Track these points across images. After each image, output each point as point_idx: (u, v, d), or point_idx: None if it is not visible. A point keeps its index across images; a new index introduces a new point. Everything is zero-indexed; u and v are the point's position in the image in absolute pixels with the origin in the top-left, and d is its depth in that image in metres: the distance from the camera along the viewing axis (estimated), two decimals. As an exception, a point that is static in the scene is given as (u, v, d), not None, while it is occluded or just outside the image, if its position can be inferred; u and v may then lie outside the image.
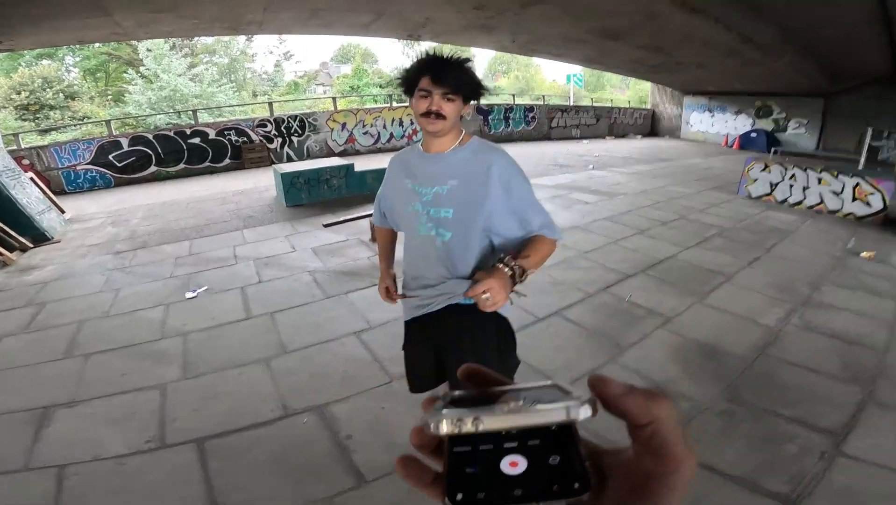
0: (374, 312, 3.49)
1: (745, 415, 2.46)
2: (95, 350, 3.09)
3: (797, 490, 1.98)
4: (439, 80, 1.40)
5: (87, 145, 9.76)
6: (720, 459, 2.14)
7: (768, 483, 2.01)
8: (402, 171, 1.63)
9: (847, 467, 2.09)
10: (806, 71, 12.38)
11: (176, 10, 7.11)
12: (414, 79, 1.45)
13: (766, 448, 2.22)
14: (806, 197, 7.32)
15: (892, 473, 2.05)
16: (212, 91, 19.28)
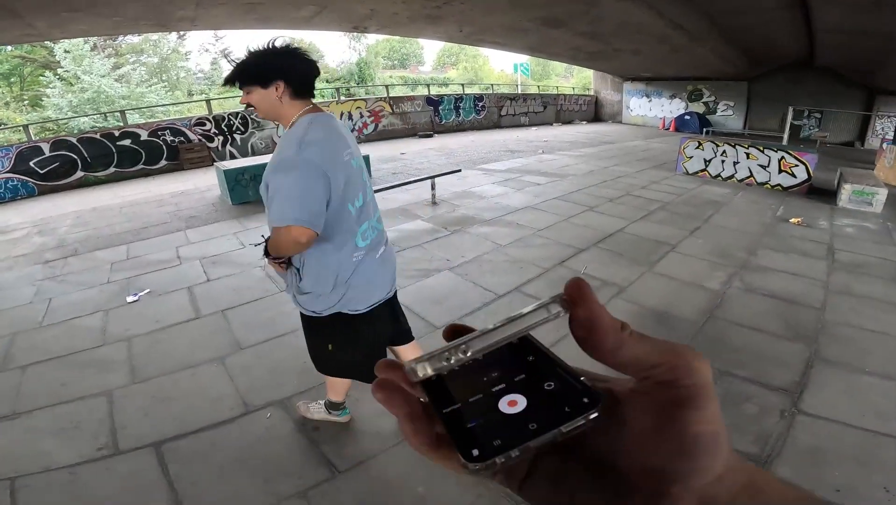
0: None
1: None
2: (31, 361, 2.85)
3: (766, 450, 2.09)
4: (231, 83, 1.51)
5: (4, 153, 8.87)
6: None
7: (736, 443, 2.12)
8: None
9: (808, 425, 2.23)
10: (728, 56, 13.25)
11: (93, 8, 6.59)
12: None
13: (726, 409, 2.34)
14: (737, 171, 7.86)
15: (853, 431, 2.19)
16: (141, 91, 18.24)
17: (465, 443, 0.23)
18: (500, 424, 0.23)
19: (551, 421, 0.22)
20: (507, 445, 0.22)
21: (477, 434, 0.23)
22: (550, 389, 0.24)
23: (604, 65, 17.78)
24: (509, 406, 0.24)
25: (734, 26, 10.65)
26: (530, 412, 0.23)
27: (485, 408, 0.24)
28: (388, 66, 35.17)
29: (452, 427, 0.24)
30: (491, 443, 0.22)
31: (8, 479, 1.96)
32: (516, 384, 0.25)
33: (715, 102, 17.82)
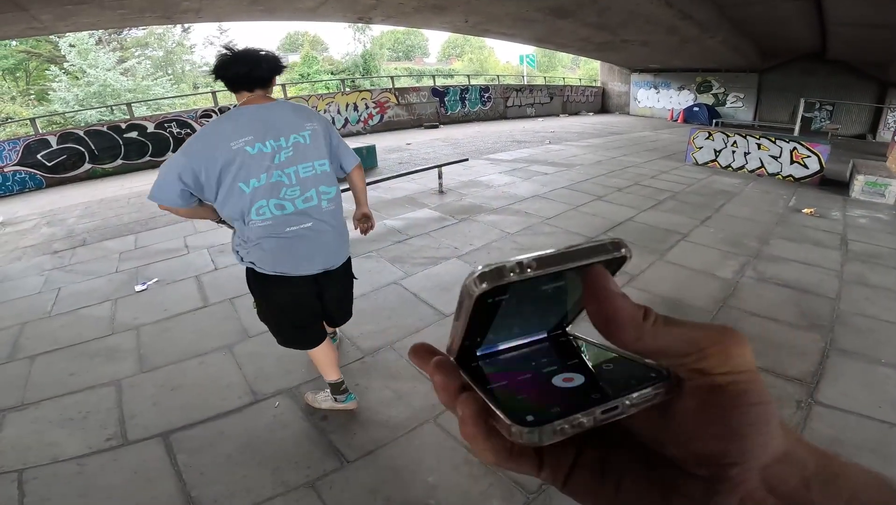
0: (340, 291, 3.40)
1: None
2: (40, 351, 2.85)
3: None
4: None
5: (12, 146, 8.92)
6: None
7: None
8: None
9: (825, 416, 2.19)
10: (740, 48, 13.03)
11: (97, 1, 6.55)
12: None
13: None
14: (748, 162, 7.75)
15: (871, 422, 2.15)
16: (147, 84, 18.27)
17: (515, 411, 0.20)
18: (558, 395, 0.21)
19: (617, 391, 0.20)
20: (566, 411, 0.19)
21: (529, 404, 0.20)
22: (610, 368, 0.22)
23: (612, 56, 17.57)
24: (565, 382, 0.21)
25: (744, 17, 10.47)
26: (590, 386, 0.21)
27: (537, 384, 0.22)
28: (393, 58, 35.00)
29: (500, 398, 0.21)
30: (548, 410, 0.20)
31: (16, 471, 1.95)
32: (569, 367, 0.23)
33: (724, 94, 17.60)
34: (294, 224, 1.78)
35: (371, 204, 2.34)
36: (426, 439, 2.06)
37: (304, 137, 1.76)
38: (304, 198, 1.78)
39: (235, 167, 1.66)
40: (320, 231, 1.84)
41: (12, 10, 6.09)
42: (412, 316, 3.07)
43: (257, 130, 1.69)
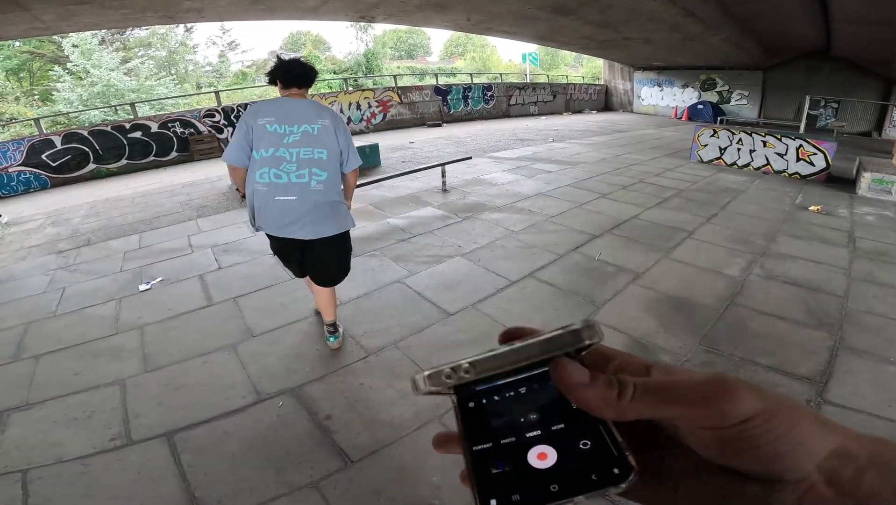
0: (343, 289, 3.37)
1: (724, 365, 2.52)
2: (45, 351, 2.85)
3: None
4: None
5: (16, 146, 8.96)
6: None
7: None
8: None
9: (835, 415, 2.15)
10: (744, 46, 12.95)
11: (99, 1, 6.56)
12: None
13: None
14: (753, 159, 7.69)
15: (882, 422, 2.12)
16: (150, 84, 18.30)
17: (485, 489, 0.23)
18: (524, 479, 0.23)
19: (573, 487, 0.22)
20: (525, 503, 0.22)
21: (499, 483, 0.23)
22: (585, 448, 0.23)
23: (615, 54, 17.49)
24: (538, 459, 0.24)
25: (748, 15, 10.40)
26: (556, 471, 0.23)
27: (514, 456, 0.24)
28: (395, 57, 34.98)
29: (477, 469, 0.24)
30: (510, 497, 0.22)
31: (20, 471, 1.94)
32: (552, 434, 0.24)
33: (729, 92, 17.52)
34: (282, 194, 2.23)
35: (374, 202, 2.46)
36: (430, 439, 2.03)
37: (312, 129, 2.23)
38: (298, 174, 2.23)
39: (256, 137, 2.21)
40: (304, 205, 2.25)
41: (14, 10, 6.10)
42: (416, 315, 3.05)
43: (279, 116, 2.22)
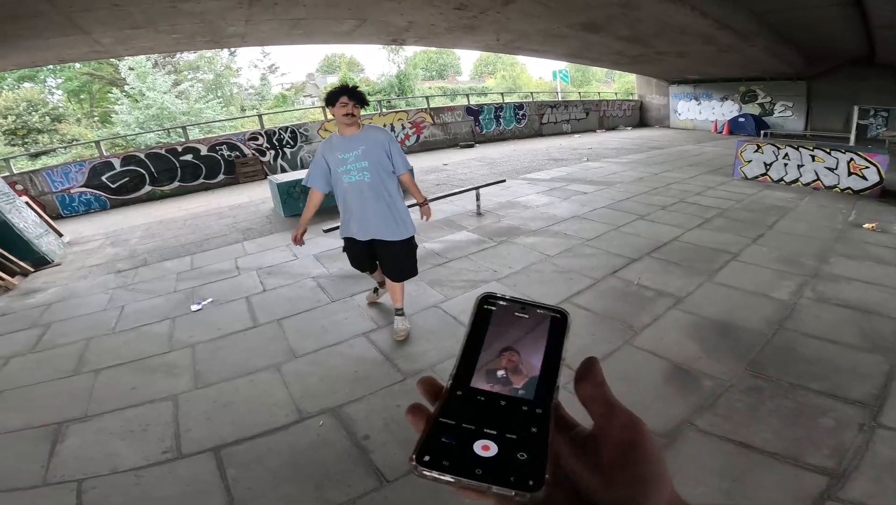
0: (382, 313, 3.47)
1: (772, 390, 2.43)
2: (104, 366, 3.05)
3: (843, 464, 1.94)
4: (351, 97, 2.72)
5: (78, 168, 9.63)
6: (755, 436, 2.11)
7: (811, 457, 1.97)
8: (330, 149, 2.88)
9: (889, 440, 2.05)
10: (783, 55, 12.49)
11: (154, 25, 7.06)
12: (335, 97, 2.72)
13: (800, 423, 2.19)
14: (802, 175, 7.36)
15: None
16: (199, 107, 19.04)
17: (427, 448, 0.28)
18: (462, 455, 0.28)
19: (492, 478, 0.27)
20: (450, 470, 0.27)
21: (440, 449, 0.28)
22: (522, 459, 0.28)
23: (647, 68, 17.25)
24: (482, 449, 0.28)
25: (785, 24, 10.06)
26: (488, 463, 0.27)
27: (464, 439, 0.29)
28: (426, 77, 35.69)
29: (433, 433, 0.29)
30: (441, 461, 0.27)
31: (75, 480, 2.06)
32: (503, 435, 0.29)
33: (771, 103, 16.82)
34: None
35: None
36: None
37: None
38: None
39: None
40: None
41: (76, 33, 6.61)
42: (452, 339, 3.08)
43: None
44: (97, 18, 6.15)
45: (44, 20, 5.68)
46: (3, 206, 5.66)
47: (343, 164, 2.80)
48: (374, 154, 2.81)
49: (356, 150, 2.78)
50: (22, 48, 6.91)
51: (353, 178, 2.81)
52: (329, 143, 2.89)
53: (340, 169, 2.81)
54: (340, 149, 2.80)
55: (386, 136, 2.90)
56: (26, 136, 17.68)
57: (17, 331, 3.76)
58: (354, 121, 2.76)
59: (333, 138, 2.88)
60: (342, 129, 2.82)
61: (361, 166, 2.81)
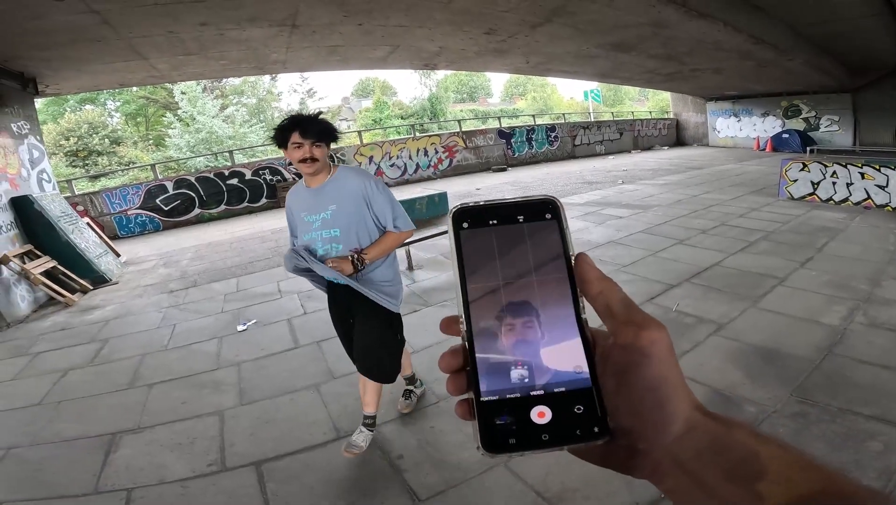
0: (418, 337, 3.51)
1: (819, 415, 2.34)
2: (157, 381, 3.24)
3: (889, 486, 1.88)
4: (307, 133, 1.94)
5: (135, 190, 10.31)
6: (801, 460, 2.04)
7: None
8: (296, 206, 2.15)
9: None
10: (824, 67, 12.03)
11: (204, 52, 7.62)
12: (286, 134, 1.96)
13: (847, 447, 2.12)
14: (851, 193, 7.01)
15: None
16: (244, 132, 19.74)
17: (487, 433, 0.28)
18: (522, 428, 0.28)
19: (560, 438, 0.28)
20: (519, 446, 0.28)
21: (500, 430, 0.28)
22: (579, 412, 0.28)
23: (682, 86, 16.98)
24: (538, 417, 0.28)
25: (823, 36, 9.75)
26: (550, 426, 0.28)
27: (518, 410, 0.28)
28: (457, 100, 36.26)
29: (483, 416, 0.28)
30: (507, 441, 0.28)
31: (125, 489, 2.18)
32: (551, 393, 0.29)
33: (816, 118, 16.14)
34: None
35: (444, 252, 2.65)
36: (497, 482, 2.06)
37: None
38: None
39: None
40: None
41: (135, 58, 7.20)
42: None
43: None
44: (154, 44, 6.68)
45: (106, 45, 6.19)
46: (67, 227, 6.14)
47: (308, 229, 2.07)
48: (350, 214, 2.03)
49: (323, 212, 2.03)
50: (87, 71, 7.58)
51: (319, 250, 2.06)
52: (295, 194, 2.17)
53: (306, 237, 2.09)
54: (305, 207, 2.08)
55: (364, 180, 2.05)
56: (87, 158, 18.88)
57: (76, 345, 4.05)
58: (318, 167, 1.99)
59: (299, 188, 2.16)
60: (306, 179, 2.10)
61: (330, 236, 2.04)
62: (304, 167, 1.98)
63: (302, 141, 1.94)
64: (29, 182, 6.29)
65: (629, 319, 0.29)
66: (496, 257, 0.31)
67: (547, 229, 0.32)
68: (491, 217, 0.32)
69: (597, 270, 0.32)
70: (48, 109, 19.53)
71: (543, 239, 0.32)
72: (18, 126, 6.36)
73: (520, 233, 0.32)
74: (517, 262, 0.31)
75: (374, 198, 2.05)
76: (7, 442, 2.63)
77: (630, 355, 0.29)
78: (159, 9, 5.22)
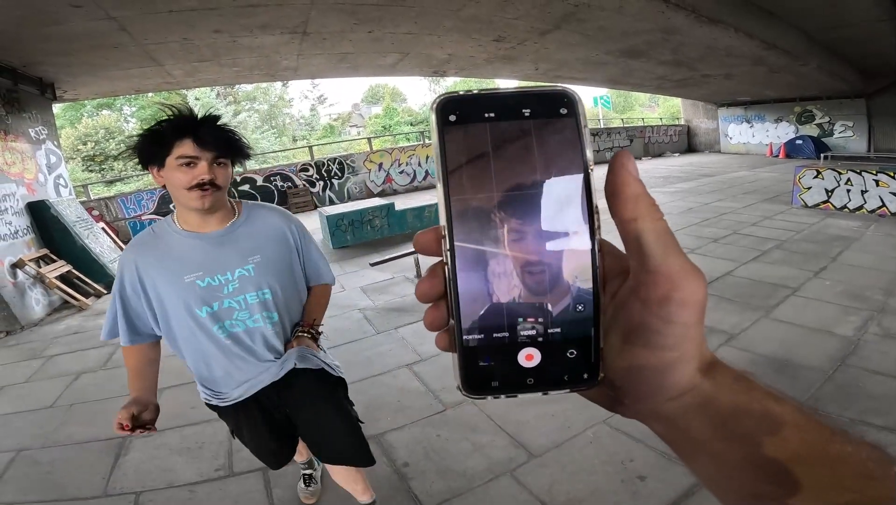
0: (425, 346, 3.52)
1: None
2: (167, 385, 3.23)
3: None
4: (206, 144, 1.24)
5: (150, 195, 10.45)
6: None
7: None
8: (165, 265, 1.33)
9: None
10: (838, 73, 11.91)
11: (218, 59, 7.75)
12: (166, 144, 1.25)
13: None
14: (866, 201, 6.91)
15: None
16: (255, 138, 20.10)
17: (468, 373, 0.25)
18: (507, 371, 0.25)
19: (546, 383, 0.25)
20: (501, 390, 0.25)
21: (482, 372, 0.25)
22: (571, 357, 0.25)
23: (694, 92, 16.88)
24: (526, 360, 0.25)
25: (837, 41, 9.66)
26: (537, 370, 0.25)
27: (504, 352, 0.25)
28: (469, 108, 36.33)
29: (465, 356, 0.25)
30: (490, 383, 0.25)
31: (133, 493, 2.20)
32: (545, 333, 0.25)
33: (830, 124, 15.92)
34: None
35: None
36: (502, 491, 2.06)
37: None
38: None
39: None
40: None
41: (151, 65, 7.35)
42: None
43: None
44: (169, 51, 6.80)
45: (123, 51, 6.33)
46: (82, 232, 6.25)
47: (209, 299, 1.36)
48: (279, 267, 1.44)
49: (240, 267, 1.37)
50: (103, 77, 7.73)
51: (239, 326, 1.41)
52: (152, 248, 1.37)
53: (201, 312, 1.36)
54: (194, 265, 1.34)
55: (288, 221, 1.50)
56: (103, 163, 19.32)
57: (89, 348, 4.10)
58: (220, 198, 1.33)
59: (164, 237, 1.38)
60: (193, 218, 1.36)
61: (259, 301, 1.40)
62: (197, 198, 1.24)
63: (196, 155, 1.23)
64: (46, 187, 6.42)
65: (663, 267, 0.24)
66: (491, 161, 0.25)
67: (560, 128, 0.25)
68: (487, 109, 0.25)
69: (638, 184, 0.25)
70: (66, 114, 19.97)
71: (555, 140, 0.25)
72: (36, 131, 6.50)
73: (524, 130, 0.25)
74: (519, 167, 0.25)
75: (307, 246, 1.53)
76: (19, 444, 2.68)
77: (650, 317, 0.24)
78: (174, 16, 5.32)
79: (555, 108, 0.25)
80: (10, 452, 2.59)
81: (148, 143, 1.30)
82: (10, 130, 5.86)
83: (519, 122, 0.25)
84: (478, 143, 0.25)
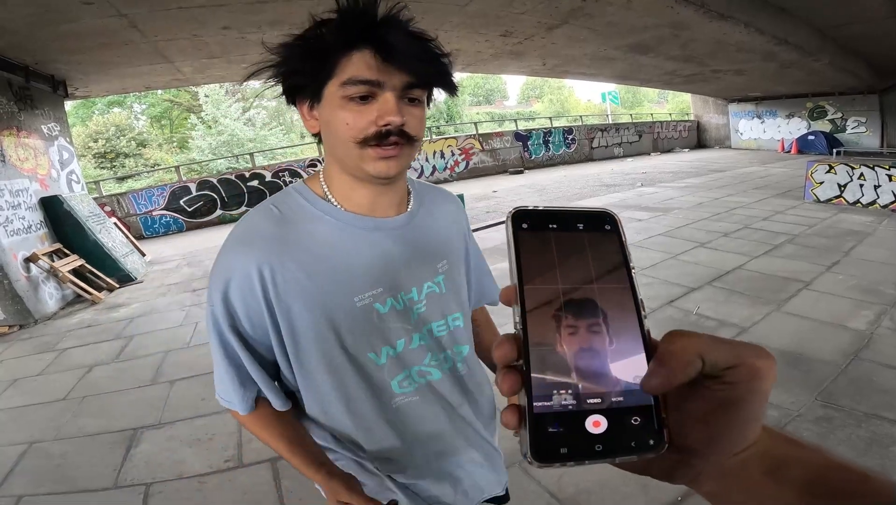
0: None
1: (844, 420, 2.29)
2: (179, 377, 3.30)
3: None
4: (397, 59, 0.68)
5: (160, 191, 10.58)
6: (822, 463, 2.00)
7: None
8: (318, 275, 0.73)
9: None
10: (850, 69, 11.71)
11: (227, 56, 7.76)
12: (327, 60, 0.71)
13: (873, 451, 2.07)
14: (879, 196, 6.81)
15: None
16: (264, 134, 20.14)
17: (537, 441, 0.26)
18: (575, 438, 0.26)
19: (614, 450, 0.26)
20: (570, 457, 0.26)
21: (552, 439, 0.26)
22: (635, 424, 0.27)
23: (703, 87, 16.69)
24: (593, 427, 0.27)
25: (849, 37, 9.50)
26: (604, 437, 0.26)
27: (572, 420, 0.27)
28: (473, 103, 36.28)
29: (536, 426, 0.26)
30: (558, 450, 0.26)
31: (144, 484, 2.22)
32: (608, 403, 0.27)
33: (842, 119, 15.71)
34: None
35: None
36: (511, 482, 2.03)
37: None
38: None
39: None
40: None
41: (161, 62, 7.37)
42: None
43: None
44: (179, 48, 6.82)
45: (133, 49, 6.35)
46: (95, 227, 6.32)
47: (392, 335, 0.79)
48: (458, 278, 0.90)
49: (432, 280, 0.84)
50: (115, 75, 7.78)
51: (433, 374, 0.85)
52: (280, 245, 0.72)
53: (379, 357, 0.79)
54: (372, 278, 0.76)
55: (461, 209, 0.98)
56: (114, 160, 19.52)
57: (101, 342, 4.15)
58: (409, 158, 0.74)
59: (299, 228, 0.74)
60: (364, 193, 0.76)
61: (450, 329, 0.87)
62: (377, 157, 0.70)
63: (378, 80, 0.68)
64: (58, 182, 6.50)
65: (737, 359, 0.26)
66: (556, 261, 0.29)
67: (606, 239, 0.31)
68: (550, 221, 0.30)
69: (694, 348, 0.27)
70: (77, 112, 20.20)
71: (604, 248, 0.31)
72: (49, 128, 6.58)
73: (579, 239, 0.31)
74: (578, 267, 0.30)
75: (474, 247, 1.02)
76: (32, 436, 2.70)
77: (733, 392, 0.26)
78: (184, 13, 5.35)
79: (601, 223, 0.32)
80: (23, 445, 2.62)
81: (298, 59, 0.75)
82: (23, 127, 5.93)
83: (575, 232, 0.31)
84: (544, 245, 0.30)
